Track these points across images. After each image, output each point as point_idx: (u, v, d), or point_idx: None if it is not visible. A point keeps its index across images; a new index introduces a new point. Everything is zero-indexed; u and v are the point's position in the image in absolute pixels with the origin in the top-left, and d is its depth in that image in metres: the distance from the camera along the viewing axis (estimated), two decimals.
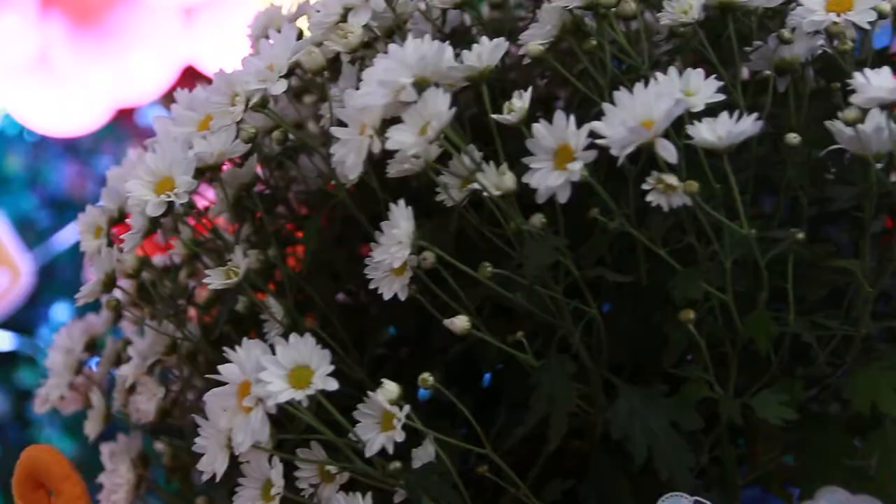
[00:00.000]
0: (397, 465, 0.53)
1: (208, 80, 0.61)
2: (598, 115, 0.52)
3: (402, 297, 0.54)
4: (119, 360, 0.71)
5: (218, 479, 0.53)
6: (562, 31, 0.57)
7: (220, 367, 0.52)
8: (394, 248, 0.52)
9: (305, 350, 0.51)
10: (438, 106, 0.50)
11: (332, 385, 0.50)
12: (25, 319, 2.41)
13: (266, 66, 0.57)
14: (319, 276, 0.61)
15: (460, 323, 0.53)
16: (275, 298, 0.59)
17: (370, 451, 0.52)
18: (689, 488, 0.54)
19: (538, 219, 0.53)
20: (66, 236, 2.35)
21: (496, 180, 0.52)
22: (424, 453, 0.54)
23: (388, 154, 0.54)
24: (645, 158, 0.53)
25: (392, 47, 0.52)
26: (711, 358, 0.56)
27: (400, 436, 0.52)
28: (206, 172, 0.57)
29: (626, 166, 0.53)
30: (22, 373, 2.40)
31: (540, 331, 0.56)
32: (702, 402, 0.55)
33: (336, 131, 0.54)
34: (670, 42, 0.61)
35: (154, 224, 0.56)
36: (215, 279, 0.56)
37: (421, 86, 0.51)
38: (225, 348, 0.52)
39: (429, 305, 0.55)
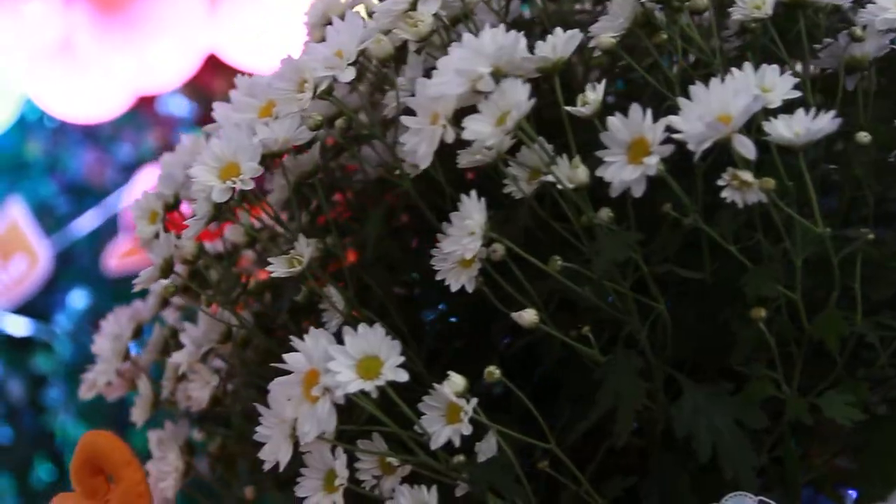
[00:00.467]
0: (461, 458, 0.53)
1: (231, 70, 0.61)
2: (669, 110, 0.52)
3: (470, 288, 0.53)
4: (167, 347, 0.71)
5: (281, 469, 0.52)
6: (633, 24, 0.56)
7: (286, 356, 0.52)
8: (466, 240, 0.52)
9: (375, 340, 0.51)
10: (518, 96, 0.49)
11: (403, 376, 0.50)
12: (42, 305, 2.41)
13: (333, 53, 0.56)
14: (377, 266, 0.61)
15: (528, 316, 0.53)
16: (335, 288, 0.58)
17: (436, 444, 0.52)
18: (753, 488, 0.53)
19: (606, 213, 0.53)
20: (85, 223, 2.35)
21: (569, 173, 0.52)
22: (488, 447, 0.54)
23: (449, 145, 0.54)
24: (715, 154, 0.53)
25: (467, 36, 0.52)
26: (772, 357, 0.55)
27: (467, 429, 0.51)
28: (270, 159, 0.57)
29: (694, 162, 0.52)
30: (38, 359, 2.40)
31: (605, 326, 0.56)
32: (765, 402, 0.55)
33: (407, 120, 0.53)
34: (739, 38, 0.60)
35: (218, 210, 0.56)
36: (279, 267, 0.56)
37: (496, 76, 0.50)
38: (292, 337, 0.52)
39: (493, 298, 0.54)
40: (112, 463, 0.54)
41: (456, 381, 0.52)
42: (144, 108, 2.35)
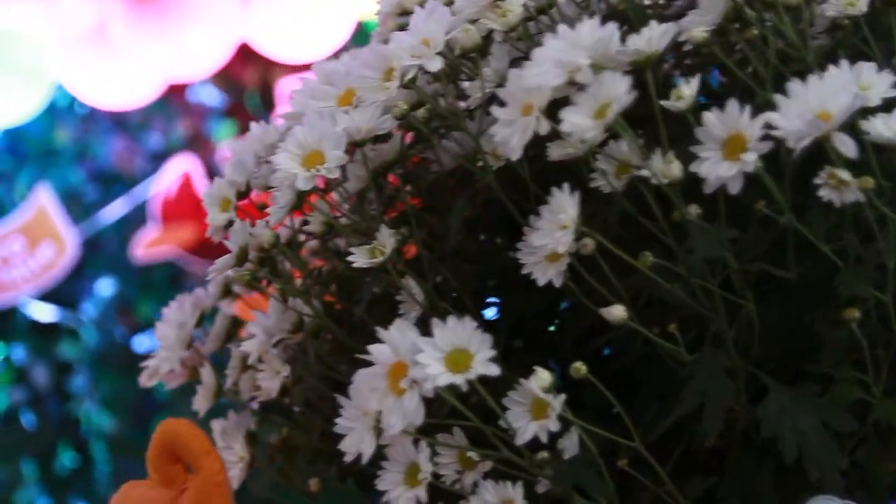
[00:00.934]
0: (545, 454, 0.52)
1: (262, 60, 0.60)
2: (758, 107, 0.51)
3: (557, 283, 0.53)
4: (229, 335, 0.71)
5: (365, 461, 0.52)
6: (725, 20, 0.56)
7: (371, 347, 0.52)
8: (558, 234, 0.51)
9: (464, 333, 0.50)
10: (618, 89, 0.49)
11: (494, 370, 0.49)
12: (69, 293, 2.42)
13: (419, 42, 0.55)
14: (454, 259, 0.60)
15: (617, 312, 0.52)
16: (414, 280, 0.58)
17: (522, 440, 0.51)
18: (838, 490, 0.53)
19: (694, 209, 0.52)
20: (113, 211, 2.35)
21: (662, 168, 0.51)
22: (571, 444, 0.53)
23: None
24: (808, 153, 0.52)
25: (562, 28, 0.51)
26: (858, 359, 0.55)
27: (555, 425, 0.51)
28: (353, 148, 0.57)
29: (784, 160, 0.52)
30: (64, 346, 2.40)
31: (690, 324, 0.55)
32: (849, 404, 0.54)
33: (498, 111, 0.53)
34: (829, 35, 0.59)
35: (300, 198, 0.55)
36: (360, 258, 0.55)
37: (595, 68, 0.50)
38: (377, 328, 0.51)
39: (579, 293, 0.54)
40: (191, 452, 0.53)
41: (542, 376, 0.51)
42: (175, 96, 2.35)
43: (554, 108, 0.52)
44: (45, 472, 2.40)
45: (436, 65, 0.55)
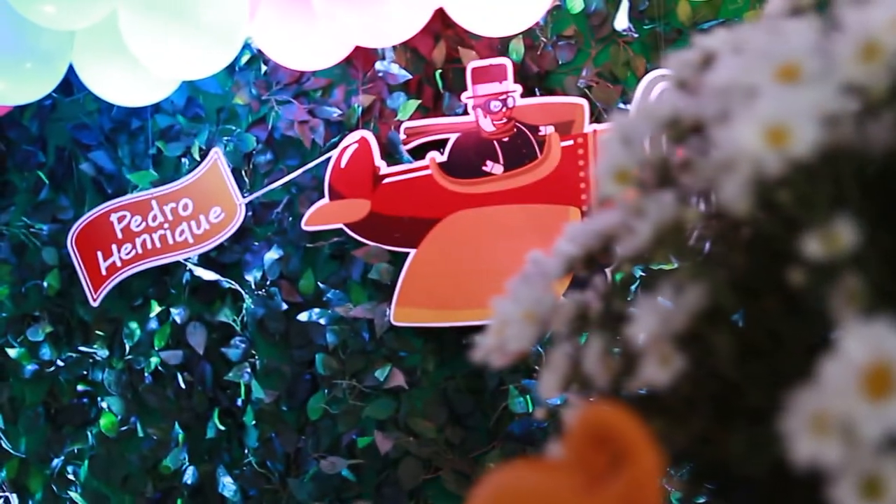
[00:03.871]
0: None
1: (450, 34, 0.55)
2: None
3: None
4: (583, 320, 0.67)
5: (825, 470, 0.47)
6: None
7: (845, 343, 0.47)
8: None
9: None
10: None
11: None
12: (233, 258, 2.41)
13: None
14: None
15: None
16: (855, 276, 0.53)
17: None
18: None
19: None
20: (284, 178, 2.34)
21: None
22: None
23: None
24: None
25: None
26: None
27: None
28: None
29: None
30: (224, 311, 2.39)
31: None
32: None
33: None
34: None
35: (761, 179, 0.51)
36: (815, 247, 0.51)
37: None
38: (852, 323, 0.47)
39: None
40: (628, 442, 0.49)
41: None
42: (359, 67, 2.33)
43: None
44: (195, 435, 2.40)
45: None
